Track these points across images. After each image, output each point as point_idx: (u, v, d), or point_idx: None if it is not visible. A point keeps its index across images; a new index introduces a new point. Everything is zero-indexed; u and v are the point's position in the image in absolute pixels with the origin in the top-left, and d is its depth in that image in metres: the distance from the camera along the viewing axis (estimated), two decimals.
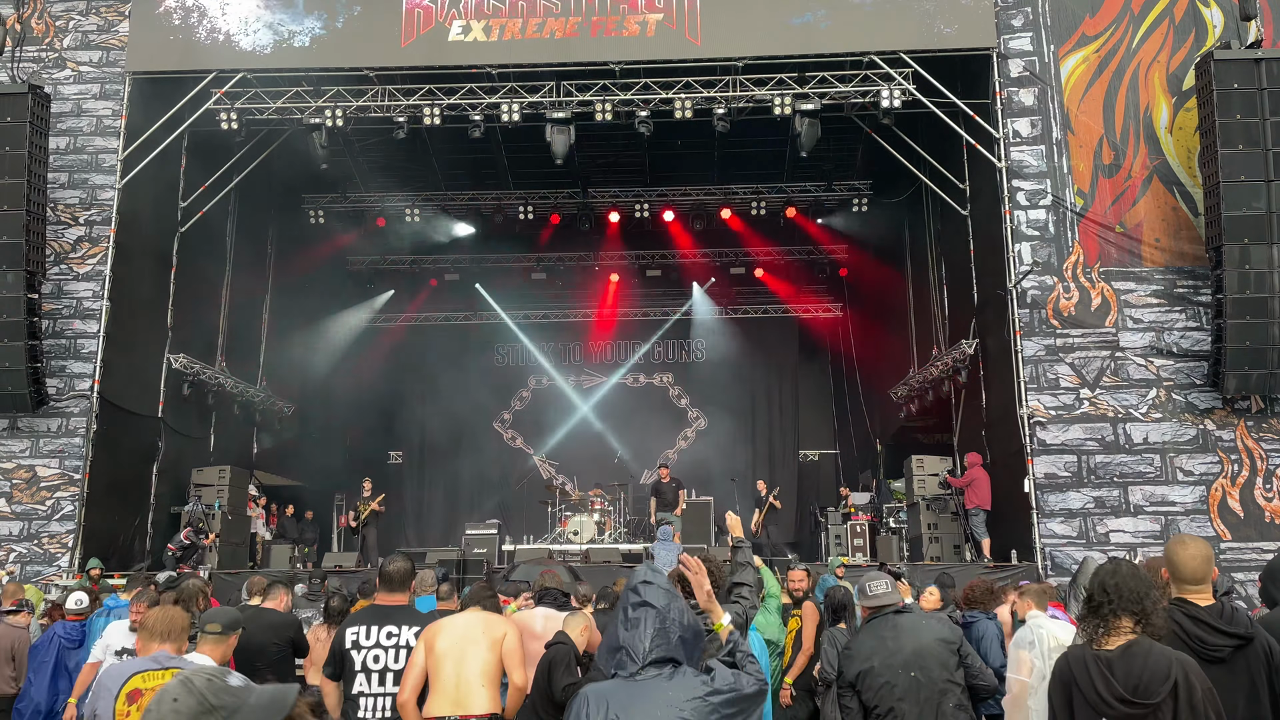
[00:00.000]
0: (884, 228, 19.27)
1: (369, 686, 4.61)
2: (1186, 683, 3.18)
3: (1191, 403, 12.51)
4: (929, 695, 4.53)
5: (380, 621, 4.72)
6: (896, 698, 4.48)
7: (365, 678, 4.62)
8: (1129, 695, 3.19)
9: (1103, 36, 13.52)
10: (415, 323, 22.81)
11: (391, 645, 4.66)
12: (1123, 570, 3.47)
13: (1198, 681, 3.21)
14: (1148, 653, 3.27)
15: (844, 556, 14.22)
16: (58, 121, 13.71)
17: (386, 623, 4.71)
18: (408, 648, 4.64)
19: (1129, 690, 3.20)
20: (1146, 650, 3.28)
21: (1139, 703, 3.17)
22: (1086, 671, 3.32)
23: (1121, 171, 13.17)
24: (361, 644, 4.67)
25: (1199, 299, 12.70)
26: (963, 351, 14.70)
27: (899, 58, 13.68)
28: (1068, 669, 3.42)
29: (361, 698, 4.61)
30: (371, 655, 4.65)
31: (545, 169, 17.35)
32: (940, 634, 4.73)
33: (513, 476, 21.58)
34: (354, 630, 4.74)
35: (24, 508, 13.02)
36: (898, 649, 4.58)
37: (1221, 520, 12.10)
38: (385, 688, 4.60)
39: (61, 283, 13.61)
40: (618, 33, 13.74)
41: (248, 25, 14.11)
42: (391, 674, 4.61)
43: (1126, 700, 3.19)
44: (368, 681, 4.62)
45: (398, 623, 4.72)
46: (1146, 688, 3.19)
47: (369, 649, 4.66)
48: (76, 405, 13.28)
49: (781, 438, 22.51)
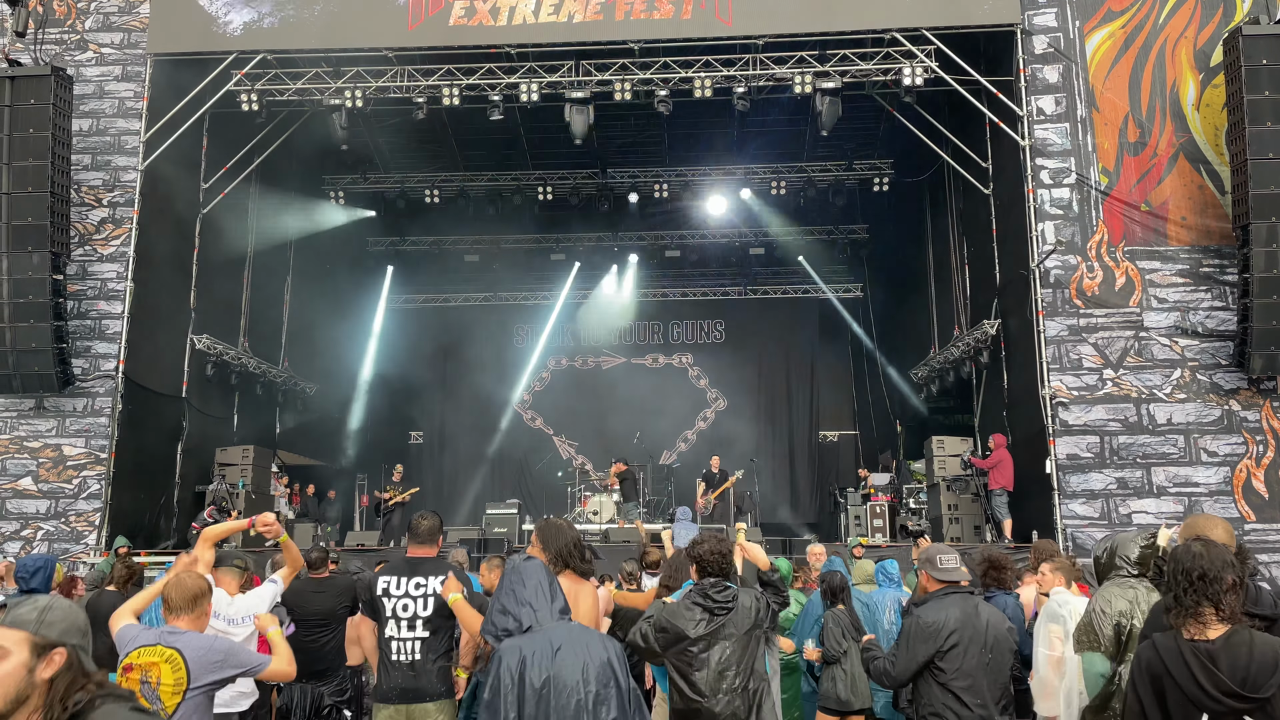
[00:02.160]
0: (905, 207, 19.15)
1: (399, 631, 4.93)
2: None
3: (1216, 383, 12.39)
4: (999, 680, 4.52)
5: (409, 573, 5.03)
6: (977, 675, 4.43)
7: (395, 624, 4.94)
8: (1238, 689, 2.96)
9: (1129, 12, 13.33)
10: (435, 303, 22.90)
11: (420, 594, 4.96)
12: (1199, 554, 3.19)
13: None
14: (1251, 643, 3.04)
15: (863, 537, 14.22)
16: (80, 103, 13.81)
17: (415, 574, 5.02)
18: (435, 595, 4.95)
19: (1237, 684, 2.96)
20: (1249, 640, 3.04)
21: (1249, 697, 2.95)
22: (1184, 663, 3.06)
23: (1147, 149, 13.01)
24: (392, 592, 4.97)
25: (1225, 278, 12.56)
26: (984, 332, 14.61)
27: (921, 34, 13.54)
28: (1158, 660, 3.14)
29: (393, 641, 4.94)
30: (401, 603, 4.95)
31: (564, 149, 17.33)
32: (1007, 623, 4.68)
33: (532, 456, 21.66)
34: (385, 580, 5.04)
35: (51, 486, 13.19)
36: (981, 628, 4.49)
37: (1245, 501, 12.01)
38: (415, 633, 4.92)
39: (86, 264, 13.73)
40: (647, 14, 13.62)
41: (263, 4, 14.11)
42: (420, 620, 4.92)
43: (1236, 694, 2.96)
44: (397, 627, 4.94)
45: (425, 573, 5.02)
46: (1254, 681, 2.96)
47: (399, 598, 4.95)
48: (102, 385, 13.43)
49: (801, 418, 22.48)
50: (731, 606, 4.54)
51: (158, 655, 3.85)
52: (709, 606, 4.52)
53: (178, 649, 3.88)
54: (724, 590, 4.57)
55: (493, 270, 21.96)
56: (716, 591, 4.56)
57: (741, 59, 14.25)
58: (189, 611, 4.13)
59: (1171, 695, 3.09)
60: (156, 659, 3.84)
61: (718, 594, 4.55)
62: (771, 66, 14.20)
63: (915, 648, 4.47)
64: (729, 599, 4.55)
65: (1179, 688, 3.07)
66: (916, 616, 4.56)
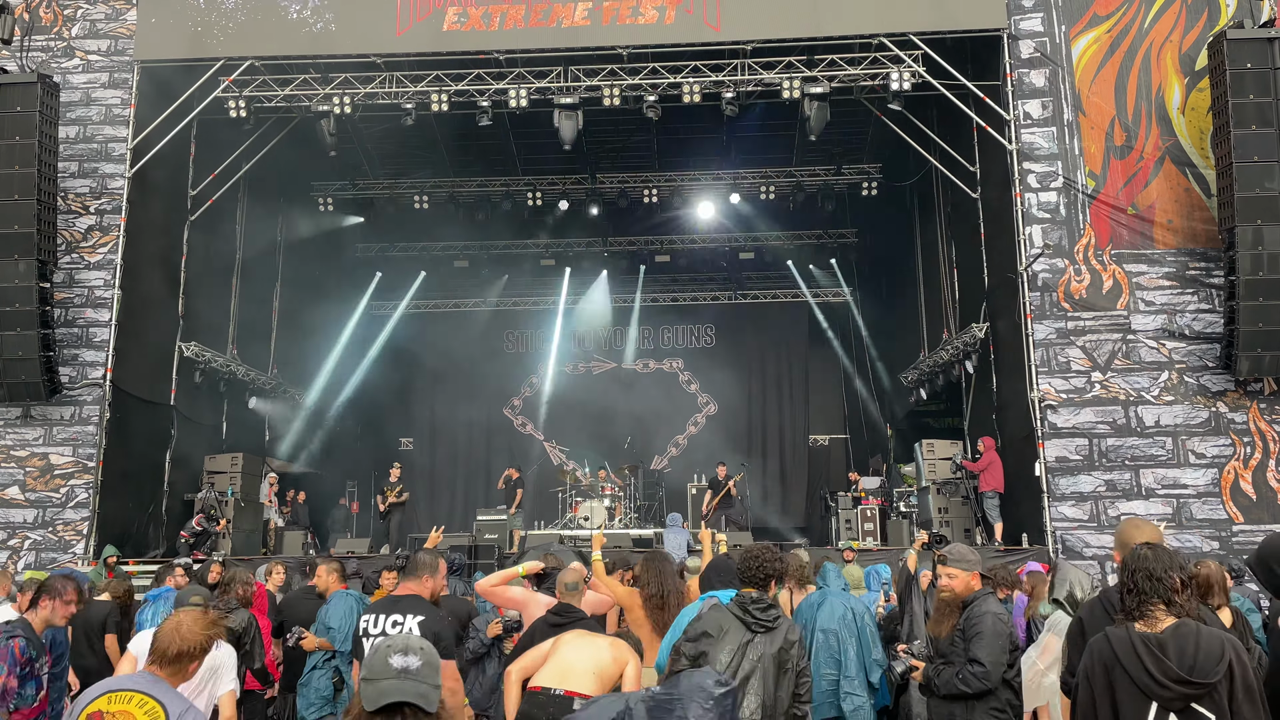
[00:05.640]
0: (894, 211, 19.19)
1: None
2: (1240, 662, 3.16)
3: (1204, 385, 12.45)
4: None
5: (389, 611, 5.00)
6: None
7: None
8: (1185, 675, 3.13)
9: (1114, 16, 13.41)
10: (424, 309, 22.84)
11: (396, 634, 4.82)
12: (1159, 555, 3.41)
13: (1248, 661, 3.19)
14: (1198, 633, 3.22)
15: (854, 541, 14.23)
16: (67, 111, 13.75)
17: (394, 611, 4.98)
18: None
19: (1185, 670, 3.14)
20: (1195, 631, 3.23)
21: (1196, 683, 3.12)
22: (1134, 652, 3.23)
23: (1133, 153, 13.08)
24: (370, 631, 4.94)
25: (1211, 281, 12.63)
26: (973, 335, 14.66)
27: (908, 39, 13.60)
28: (1109, 649, 3.31)
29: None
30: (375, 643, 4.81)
31: (553, 154, 17.32)
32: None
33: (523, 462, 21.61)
34: (366, 618, 5.02)
35: (38, 495, 13.11)
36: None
37: (1233, 503, 12.07)
38: None
39: (73, 271, 13.67)
40: (633, 19, 13.65)
41: (254, 10, 14.08)
42: None
43: (1184, 680, 3.13)
44: None
45: (404, 611, 4.97)
46: (1202, 667, 3.13)
47: (375, 637, 4.91)
48: (89, 393, 13.35)
49: (791, 422, 22.49)
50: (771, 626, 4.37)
51: (134, 705, 3.35)
52: (746, 620, 4.37)
53: (160, 701, 3.37)
54: (766, 608, 4.41)
55: (482, 276, 21.95)
56: (758, 607, 4.41)
57: (730, 64, 14.29)
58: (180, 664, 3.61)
59: (1121, 685, 3.26)
60: (133, 709, 3.34)
61: (759, 610, 4.40)
62: (760, 71, 14.24)
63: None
64: (770, 618, 4.39)
65: (1129, 676, 3.24)
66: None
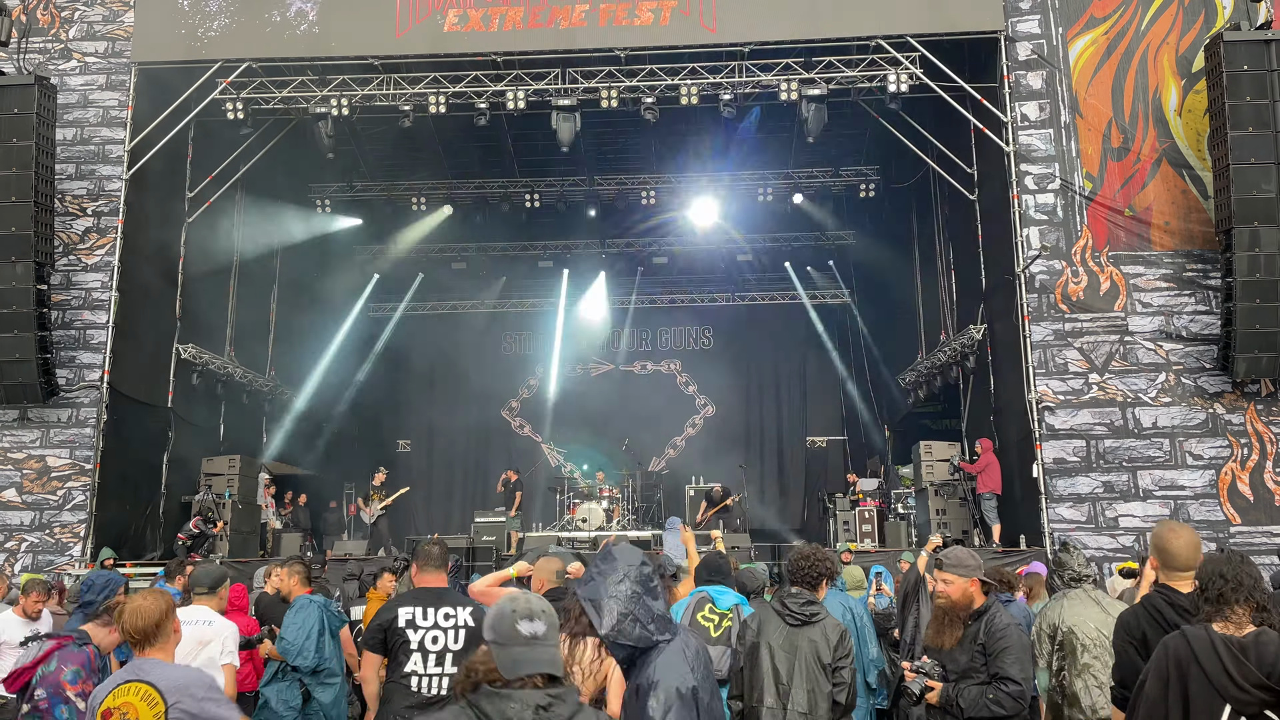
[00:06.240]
0: (891, 213, 19.20)
1: (424, 666, 4.64)
2: None
3: (1201, 387, 12.46)
4: None
5: (435, 603, 4.77)
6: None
7: (422, 657, 4.65)
8: (1265, 680, 3.11)
9: (1111, 18, 13.42)
10: (422, 311, 22.82)
11: (450, 626, 4.71)
12: (1237, 561, 3.40)
13: None
14: (1278, 642, 3.20)
15: (852, 542, 14.23)
16: (64, 112, 13.72)
17: (441, 604, 4.77)
18: (465, 628, 4.69)
19: (1264, 675, 3.12)
20: (1277, 640, 3.20)
21: (1275, 689, 3.10)
22: (1214, 653, 3.20)
23: (1130, 155, 13.10)
24: (419, 624, 4.69)
25: (1208, 282, 12.64)
26: (971, 337, 14.66)
27: (906, 41, 13.60)
28: (1186, 648, 3.27)
29: (414, 677, 4.63)
30: (430, 636, 4.68)
31: (551, 156, 17.32)
32: None
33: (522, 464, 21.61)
34: (408, 610, 4.75)
35: (35, 498, 13.09)
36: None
37: (1231, 504, 12.07)
38: (444, 668, 4.63)
39: (70, 273, 13.65)
40: (629, 21, 13.65)
41: (252, 12, 14.08)
42: (450, 654, 4.65)
43: (1264, 685, 3.11)
44: (424, 662, 4.64)
45: (452, 604, 4.80)
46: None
47: (427, 629, 4.69)
48: (86, 396, 13.33)
49: (789, 424, 22.50)
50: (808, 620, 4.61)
51: (134, 694, 3.51)
52: (783, 614, 4.64)
53: (150, 683, 3.55)
54: (805, 604, 4.66)
55: (479, 277, 21.94)
56: (796, 602, 4.66)
57: (727, 66, 14.29)
58: (152, 642, 3.72)
59: (1196, 685, 3.21)
60: (133, 699, 3.51)
61: (796, 605, 4.65)
62: (757, 74, 14.24)
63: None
64: (808, 613, 4.63)
65: (1205, 677, 3.19)
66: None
